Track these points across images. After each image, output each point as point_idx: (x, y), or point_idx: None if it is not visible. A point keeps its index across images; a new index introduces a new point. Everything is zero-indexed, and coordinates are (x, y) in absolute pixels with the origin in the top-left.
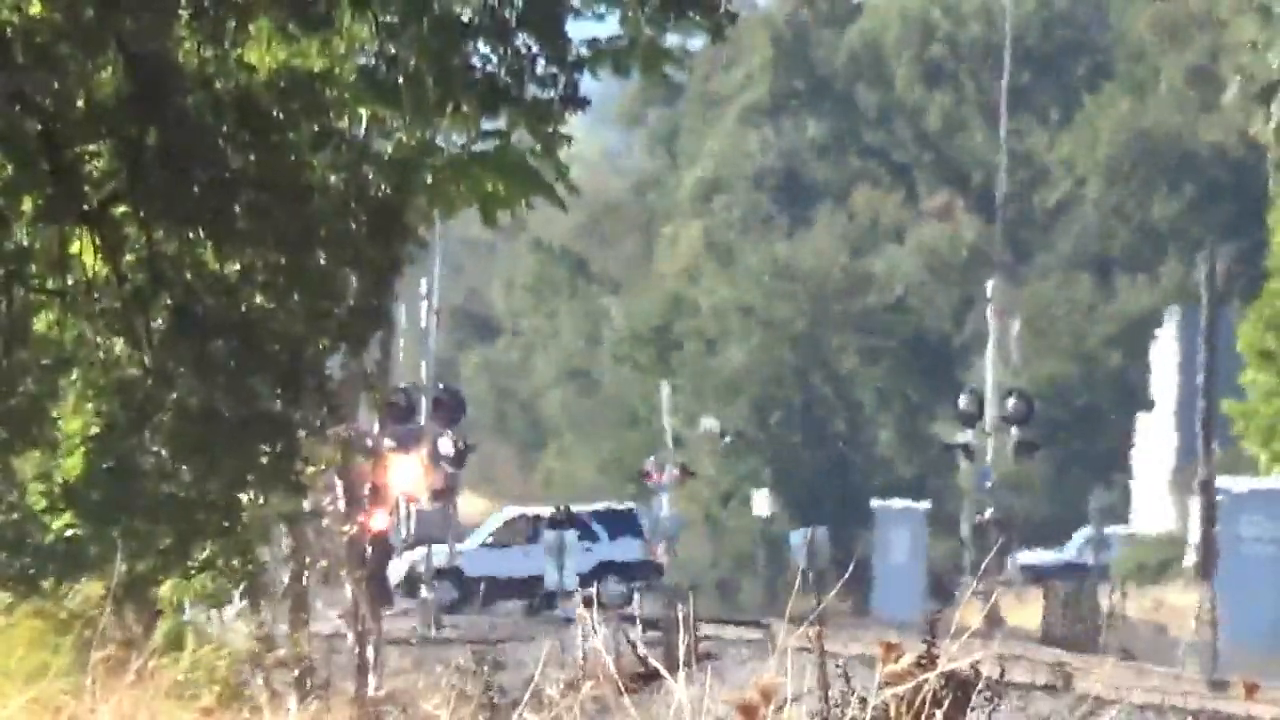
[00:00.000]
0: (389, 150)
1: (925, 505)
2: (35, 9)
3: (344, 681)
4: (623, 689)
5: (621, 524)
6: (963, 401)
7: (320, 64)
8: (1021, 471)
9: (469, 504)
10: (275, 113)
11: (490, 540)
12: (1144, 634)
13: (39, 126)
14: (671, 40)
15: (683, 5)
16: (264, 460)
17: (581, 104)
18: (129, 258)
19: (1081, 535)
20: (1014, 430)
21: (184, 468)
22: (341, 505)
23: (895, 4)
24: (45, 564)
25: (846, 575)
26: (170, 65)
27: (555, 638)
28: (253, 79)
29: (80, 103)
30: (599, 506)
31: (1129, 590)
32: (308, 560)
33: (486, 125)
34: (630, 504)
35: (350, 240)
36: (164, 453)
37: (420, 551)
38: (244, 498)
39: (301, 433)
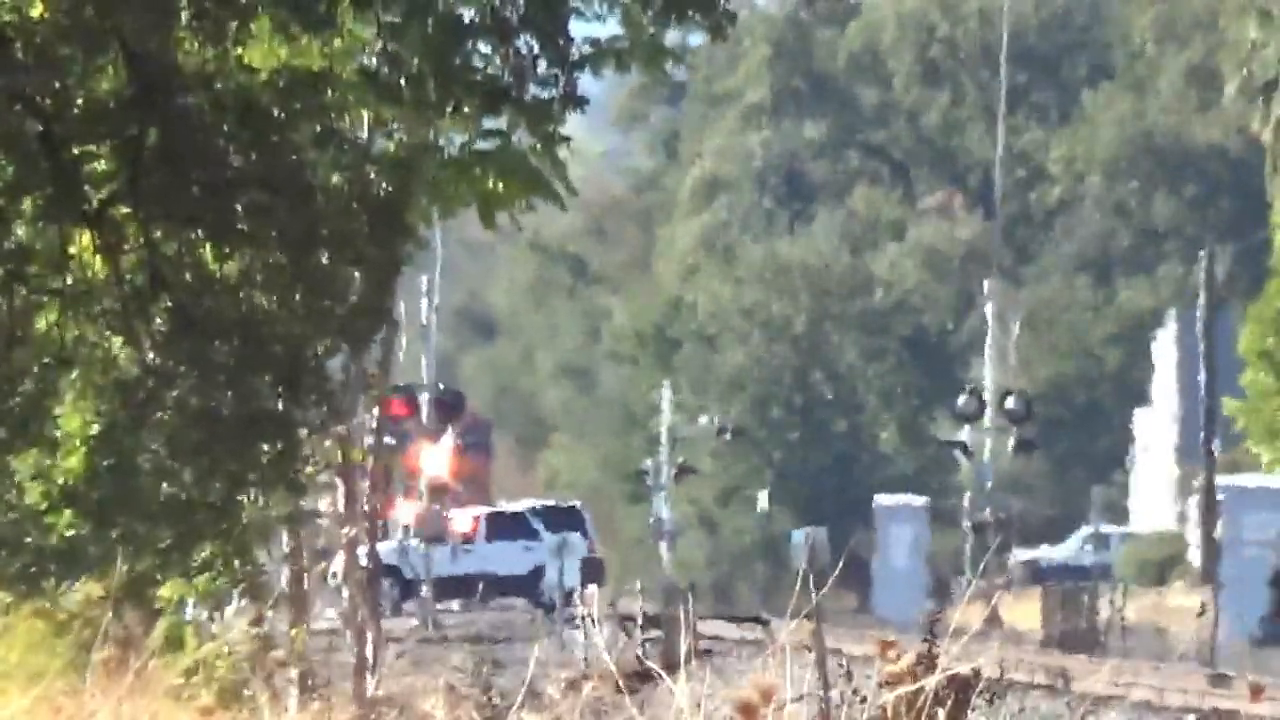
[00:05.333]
0: (390, 150)
1: (925, 502)
2: (36, 11)
3: (344, 681)
4: (623, 689)
5: (566, 522)
6: (962, 400)
7: (321, 64)
8: (1021, 470)
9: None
10: (276, 113)
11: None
12: (1144, 633)
13: (39, 126)
14: (672, 39)
15: (683, 5)
16: (264, 460)
17: (582, 103)
18: (129, 258)
19: (1081, 534)
20: (1014, 429)
21: (184, 468)
22: (341, 505)
23: (894, 4)
24: (45, 564)
25: (839, 570)
26: (170, 65)
27: (555, 638)
28: (254, 79)
29: (80, 103)
30: (541, 503)
31: (1129, 589)
32: (307, 560)
33: (487, 124)
34: (575, 502)
35: (351, 240)
36: (164, 453)
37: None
38: (244, 498)
39: (302, 433)
